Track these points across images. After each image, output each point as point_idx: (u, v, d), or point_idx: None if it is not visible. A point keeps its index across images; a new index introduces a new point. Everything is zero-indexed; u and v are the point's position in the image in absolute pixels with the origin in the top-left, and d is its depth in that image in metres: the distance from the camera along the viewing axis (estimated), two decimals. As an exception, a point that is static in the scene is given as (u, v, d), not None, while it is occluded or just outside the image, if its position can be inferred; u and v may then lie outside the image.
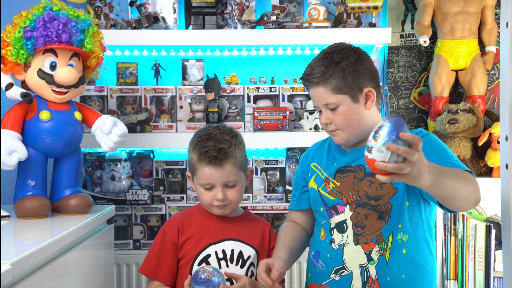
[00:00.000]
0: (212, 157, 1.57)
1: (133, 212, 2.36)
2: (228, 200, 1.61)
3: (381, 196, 1.53)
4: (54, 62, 1.75)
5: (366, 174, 1.56)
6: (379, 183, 1.53)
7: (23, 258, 1.24)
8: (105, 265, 1.92)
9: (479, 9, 2.42)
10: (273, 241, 1.71)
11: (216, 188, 1.59)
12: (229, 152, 1.59)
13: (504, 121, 1.46)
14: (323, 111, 1.56)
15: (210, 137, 1.61)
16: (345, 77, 1.51)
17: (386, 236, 1.53)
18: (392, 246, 1.53)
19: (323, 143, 1.73)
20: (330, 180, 1.61)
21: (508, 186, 1.44)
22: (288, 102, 2.41)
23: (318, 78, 1.53)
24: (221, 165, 1.58)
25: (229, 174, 1.59)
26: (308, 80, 1.56)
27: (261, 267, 1.50)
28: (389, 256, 1.53)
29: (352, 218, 1.56)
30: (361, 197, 1.55)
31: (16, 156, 1.65)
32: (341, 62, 1.52)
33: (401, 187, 1.53)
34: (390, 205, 1.53)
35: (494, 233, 2.11)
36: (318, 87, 1.54)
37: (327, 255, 1.59)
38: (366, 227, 1.54)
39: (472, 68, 2.41)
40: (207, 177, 1.59)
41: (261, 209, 2.35)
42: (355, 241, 1.55)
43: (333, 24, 2.46)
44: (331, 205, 1.60)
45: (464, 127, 2.32)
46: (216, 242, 1.63)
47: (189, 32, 2.31)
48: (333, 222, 1.59)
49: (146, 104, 2.38)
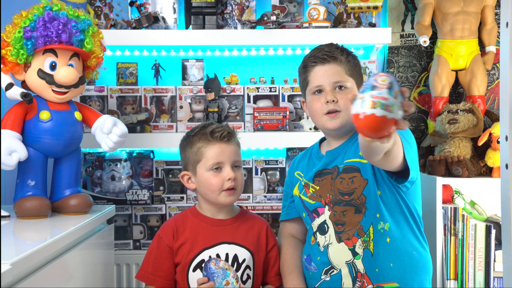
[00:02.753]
0: (222, 132, 1.61)
1: (133, 212, 2.36)
2: (236, 182, 1.62)
3: (353, 190, 1.54)
4: (54, 62, 1.74)
5: (339, 172, 1.58)
6: (349, 177, 1.54)
7: (23, 258, 1.24)
8: (105, 265, 1.92)
9: (479, 9, 2.42)
10: (271, 241, 1.70)
11: (225, 167, 1.61)
12: (233, 132, 1.66)
13: (504, 121, 1.46)
14: (329, 91, 1.58)
15: (209, 124, 1.65)
16: (355, 64, 1.63)
17: (367, 228, 1.53)
18: (375, 237, 1.53)
19: (306, 153, 1.75)
20: (310, 185, 1.63)
21: (508, 186, 1.44)
22: (288, 102, 2.41)
23: (334, 58, 1.59)
24: (229, 141, 1.63)
25: (236, 152, 1.64)
26: (324, 57, 1.59)
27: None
28: (373, 248, 1.53)
29: (331, 217, 1.57)
30: (336, 195, 1.56)
31: (16, 156, 1.65)
32: (351, 53, 1.65)
33: (370, 178, 1.54)
34: (364, 197, 1.54)
35: (494, 233, 2.11)
36: (332, 64, 1.59)
37: (317, 258, 1.60)
38: (345, 224, 1.55)
39: (472, 68, 2.41)
40: (217, 155, 1.60)
41: (261, 209, 2.35)
42: (338, 239, 1.56)
43: (333, 24, 2.46)
44: (312, 209, 1.62)
45: (464, 127, 2.32)
46: (211, 247, 1.62)
47: (189, 32, 2.31)
48: (315, 225, 1.61)
49: (146, 104, 2.38)
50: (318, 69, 1.60)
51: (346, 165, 1.58)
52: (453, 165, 2.26)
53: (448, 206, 2.14)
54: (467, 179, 2.25)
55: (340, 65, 1.59)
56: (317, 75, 1.60)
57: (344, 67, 1.59)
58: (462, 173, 2.24)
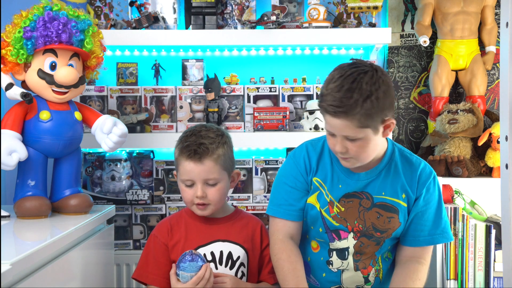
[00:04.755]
0: (191, 151, 1.56)
1: (133, 212, 2.36)
2: (207, 199, 1.59)
3: (387, 229, 1.57)
4: (54, 62, 1.74)
5: (374, 204, 1.56)
6: (388, 217, 1.56)
7: (23, 258, 1.24)
8: (105, 265, 1.92)
9: (479, 9, 2.42)
10: (266, 239, 1.68)
11: (196, 185, 1.58)
12: (210, 148, 1.57)
13: (504, 121, 1.46)
14: (340, 139, 1.48)
15: (194, 133, 1.62)
16: (372, 113, 1.41)
17: (378, 258, 1.59)
18: (383, 266, 1.60)
19: (322, 152, 1.63)
20: (335, 203, 1.57)
21: (508, 186, 1.44)
22: (288, 102, 2.41)
23: (344, 113, 1.41)
24: (201, 160, 1.56)
25: (209, 170, 1.57)
26: (332, 111, 1.43)
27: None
28: (382, 276, 1.59)
29: (355, 247, 1.58)
30: (367, 228, 1.56)
31: (16, 156, 1.65)
32: (371, 96, 1.40)
33: (403, 223, 1.58)
34: (391, 235, 1.58)
35: (494, 233, 2.11)
36: (342, 119, 1.42)
37: (323, 274, 1.61)
38: (364, 254, 1.58)
39: (472, 68, 2.41)
40: (187, 172, 1.58)
41: (261, 209, 2.35)
42: (355, 268, 1.59)
43: (333, 24, 2.46)
44: (333, 229, 1.59)
45: (464, 127, 2.32)
46: (205, 245, 1.62)
47: (189, 32, 2.31)
48: (334, 246, 1.60)
49: (146, 104, 2.38)
50: (328, 117, 1.46)
51: (385, 202, 1.56)
52: (453, 165, 2.26)
53: (448, 206, 2.14)
54: (467, 179, 2.25)
55: (352, 120, 1.41)
56: (328, 122, 1.47)
57: (357, 120, 1.41)
58: (462, 173, 2.24)
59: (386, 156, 1.59)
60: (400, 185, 1.57)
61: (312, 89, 2.41)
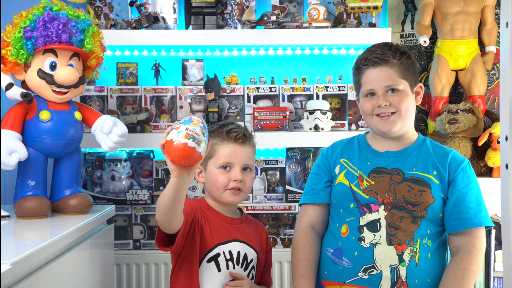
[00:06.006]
0: (239, 133, 1.62)
1: (133, 212, 2.36)
2: (243, 184, 1.61)
3: (419, 202, 1.57)
4: (54, 62, 1.75)
5: (405, 179, 1.58)
6: (419, 190, 1.57)
7: (23, 258, 1.24)
8: (105, 265, 1.92)
9: (479, 9, 2.42)
10: (269, 244, 1.73)
11: (234, 168, 1.60)
12: (250, 135, 1.66)
13: (504, 121, 1.46)
14: (382, 94, 1.58)
15: (228, 123, 1.66)
16: (409, 65, 1.61)
17: (416, 239, 1.56)
18: (421, 250, 1.56)
19: (350, 142, 1.73)
20: (364, 178, 1.61)
21: (508, 186, 1.44)
22: (288, 102, 2.41)
23: (386, 61, 1.57)
24: (244, 143, 1.62)
25: (249, 156, 1.63)
26: (376, 60, 1.58)
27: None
28: (418, 259, 1.55)
29: (386, 218, 1.57)
30: (398, 200, 1.57)
31: (16, 156, 1.65)
32: (406, 53, 1.62)
33: (439, 198, 1.57)
34: (426, 212, 1.57)
35: (494, 233, 2.11)
36: (384, 67, 1.58)
37: (355, 253, 1.58)
38: (400, 229, 1.56)
39: (472, 68, 2.41)
40: (228, 155, 1.60)
41: (261, 209, 2.35)
42: (388, 241, 1.56)
43: (333, 24, 2.46)
44: (364, 203, 1.60)
45: (464, 127, 2.32)
46: (224, 243, 1.61)
47: (189, 32, 2.32)
48: (365, 219, 1.59)
49: (146, 104, 2.38)
50: (370, 72, 1.60)
51: (416, 176, 1.59)
52: (453, 165, 2.25)
53: (448, 206, 2.14)
54: (467, 179, 2.25)
55: (392, 68, 1.58)
56: (369, 78, 1.60)
57: (396, 69, 1.58)
58: (462, 173, 2.24)
59: (417, 141, 1.66)
60: (431, 162, 1.60)
61: (312, 89, 2.41)
